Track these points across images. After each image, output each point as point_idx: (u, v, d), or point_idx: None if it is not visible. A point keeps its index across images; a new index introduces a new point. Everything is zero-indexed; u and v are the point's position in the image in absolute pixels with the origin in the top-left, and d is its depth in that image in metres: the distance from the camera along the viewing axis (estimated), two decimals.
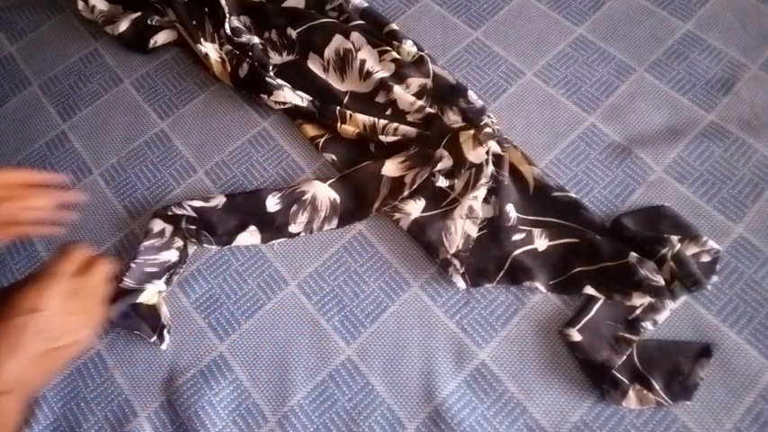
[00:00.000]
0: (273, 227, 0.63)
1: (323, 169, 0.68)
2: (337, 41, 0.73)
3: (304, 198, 0.63)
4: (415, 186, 0.63)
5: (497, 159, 0.63)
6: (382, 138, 0.66)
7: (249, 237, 0.63)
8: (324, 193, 0.64)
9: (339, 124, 0.68)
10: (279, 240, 0.64)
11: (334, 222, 0.63)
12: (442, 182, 0.62)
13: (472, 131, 0.62)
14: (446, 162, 0.62)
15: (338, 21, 0.76)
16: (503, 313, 0.58)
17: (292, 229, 0.63)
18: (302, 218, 0.63)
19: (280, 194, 0.64)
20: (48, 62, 0.81)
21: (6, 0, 0.87)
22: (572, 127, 0.67)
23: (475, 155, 0.61)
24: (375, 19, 0.75)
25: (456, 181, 0.63)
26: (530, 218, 0.62)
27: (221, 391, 0.57)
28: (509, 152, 0.65)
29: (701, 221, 0.60)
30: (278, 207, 0.63)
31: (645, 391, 0.52)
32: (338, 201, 0.63)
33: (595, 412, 0.53)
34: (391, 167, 0.64)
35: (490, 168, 0.62)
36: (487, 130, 0.62)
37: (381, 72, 0.71)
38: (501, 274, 0.59)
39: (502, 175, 0.62)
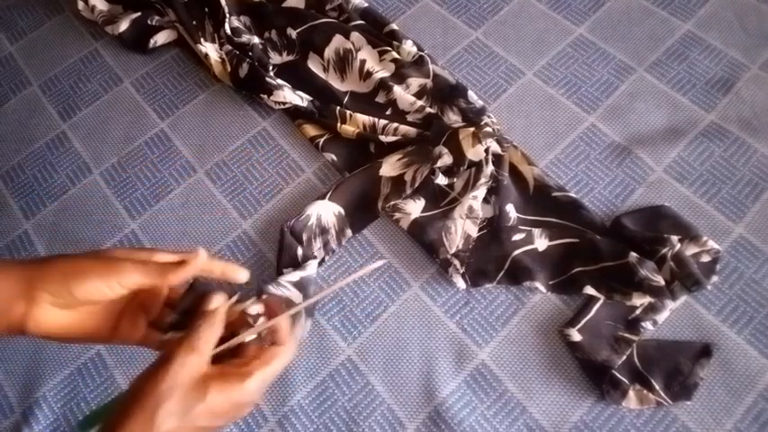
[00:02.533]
0: (300, 264, 0.61)
1: (323, 169, 0.68)
2: (337, 41, 0.73)
3: (310, 224, 0.62)
4: (416, 185, 0.63)
5: (497, 159, 0.63)
6: (382, 138, 0.66)
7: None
8: (326, 209, 0.63)
9: (339, 124, 0.68)
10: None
11: (348, 232, 0.63)
12: (441, 179, 0.62)
13: (472, 129, 0.62)
14: (446, 159, 0.62)
15: (338, 21, 0.76)
16: (503, 313, 0.58)
17: (317, 258, 0.62)
18: (318, 243, 0.62)
19: (291, 233, 0.61)
20: (48, 62, 0.81)
21: (6, 0, 0.88)
22: (572, 127, 0.68)
23: (474, 153, 0.61)
24: (375, 19, 0.75)
25: (456, 180, 0.64)
26: (530, 218, 0.62)
27: None
28: (509, 152, 0.65)
29: (701, 221, 0.60)
30: (299, 246, 0.61)
31: (645, 391, 0.52)
32: (342, 212, 0.63)
33: (595, 412, 0.53)
34: (389, 167, 0.64)
35: (490, 168, 0.62)
36: (487, 129, 0.62)
37: (381, 72, 0.71)
38: (501, 274, 0.59)
39: (502, 175, 0.62)
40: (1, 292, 0.35)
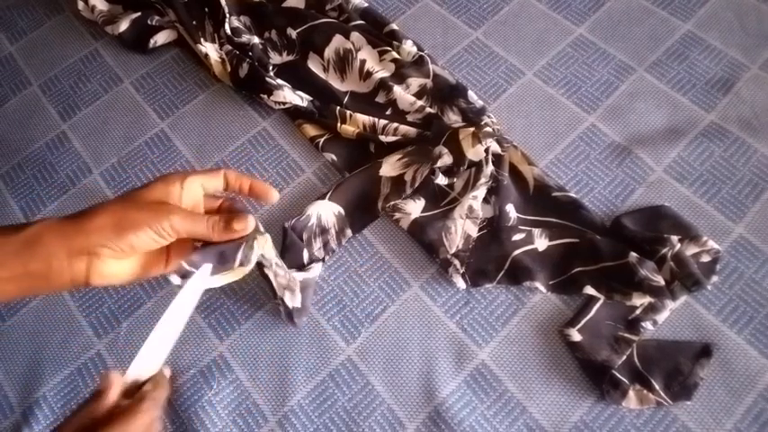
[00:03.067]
0: (305, 265, 0.60)
1: (323, 169, 0.68)
2: (337, 41, 0.73)
3: (310, 224, 0.62)
4: (416, 185, 0.63)
5: (497, 159, 0.63)
6: (382, 138, 0.66)
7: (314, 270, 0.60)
8: (326, 209, 0.63)
9: (339, 124, 0.68)
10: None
11: (348, 232, 0.63)
12: (441, 179, 0.62)
13: (472, 129, 0.62)
14: (446, 159, 0.62)
15: (338, 21, 0.76)
16: (503, 313, 0.58)
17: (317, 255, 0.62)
18: (318, 243, 0.62)
19: (295, 232, 0.61)
20: (48, 62, 0.81)
21: (6, 0, 0.88)
22: (572, 127, 0.68)
23: (474, 153, 0.61)
24: (375, 19, 0.75)
25: (456, 180, 0.64)
26: (530, 218, 0.62)
27: (221, 391, 0.57)
28: (509, 152, 0.65)
29: (701, 221, 0.60)
30: (303, 245, 0.61)
31: (645, 391, 0.52)
32: (342, 212, 0.63)
33: (595, 412, 0.53)
34: (389, 167, 0.64)
35: (490, 168, 0.62)
36: (487, 129, 0.62)
37: (381, 72, 0.71)
38: (501, 274, 0.59)
39: (502, 175, 0.62)
40: (59, 250, 0.36)
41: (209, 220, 0.40)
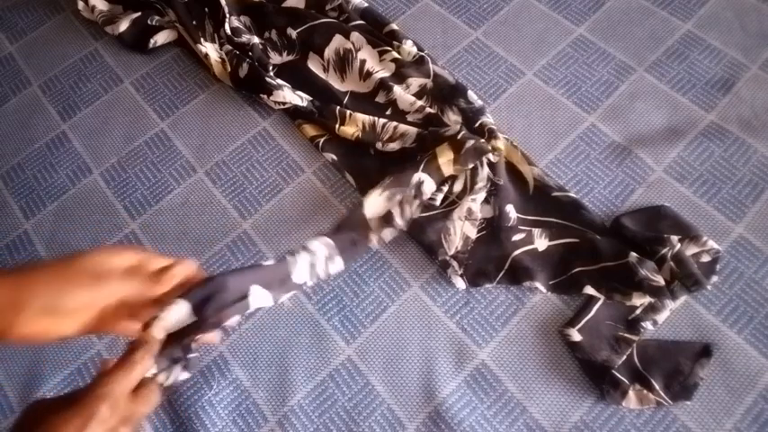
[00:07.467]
0: (276, 281, 0.49)
1: (323, 169, 0.68)
2: (337, 41, 0.73)
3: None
4: (405, 214, 0.58)
5: (492, 166, 0.62)
6: (379, 146, 0.66)
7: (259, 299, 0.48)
8: (317, 244, 0.54)
9: (338, 126, 0.68)
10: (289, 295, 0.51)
11: (339, 261, 0.54)
12: (438, 200, 0.61)
13: (452, 155, 0.60)
14: (429, 185, 0.59)
15: (338, 21, 0.76)
16: (503, 313, 0.58)
17: (296, 278, 0.50)
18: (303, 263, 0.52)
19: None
20: (48, 62, 0.81)
21: (6, 0, 0.88)
22: (572, 127, 0.68)
23: (456, 170, 0.60)
24: (375, 19, 0.75)
25: (447, 187, 0.62)
26: (530, 218, 0.62)
27: (221, 391, 0.57)
28: (509, 152, 0.65)
29: (701, 221, 0.60)
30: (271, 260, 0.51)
31: (645, 391, 0.52)
32: (332, 243, 0.54)
33: (595, 412, 0.53)
34: (372, 208, 0.58)
35: (485, 171, 0.61)
36: (469, 145, 0.59)
37: (381, 72, 0.71)
38: (501, 274, 0.59)
39: (498, 180, 0.62)
40: None
41: (149, 277, 0.40)
